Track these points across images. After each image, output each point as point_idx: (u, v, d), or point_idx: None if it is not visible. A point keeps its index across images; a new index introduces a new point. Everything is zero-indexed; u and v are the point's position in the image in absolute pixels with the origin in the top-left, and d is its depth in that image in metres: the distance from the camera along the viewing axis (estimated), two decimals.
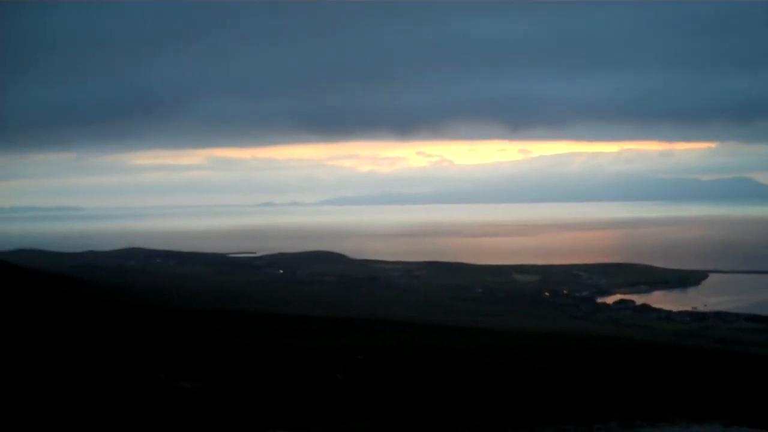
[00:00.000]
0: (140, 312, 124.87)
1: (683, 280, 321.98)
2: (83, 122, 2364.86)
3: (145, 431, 54.31)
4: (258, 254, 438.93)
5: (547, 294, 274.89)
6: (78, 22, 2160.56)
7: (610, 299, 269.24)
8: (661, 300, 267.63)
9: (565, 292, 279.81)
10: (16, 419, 52.47)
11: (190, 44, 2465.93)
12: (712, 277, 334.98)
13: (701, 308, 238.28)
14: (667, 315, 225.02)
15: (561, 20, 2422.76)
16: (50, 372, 67.39)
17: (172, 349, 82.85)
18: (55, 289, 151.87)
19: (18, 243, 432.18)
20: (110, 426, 53.92)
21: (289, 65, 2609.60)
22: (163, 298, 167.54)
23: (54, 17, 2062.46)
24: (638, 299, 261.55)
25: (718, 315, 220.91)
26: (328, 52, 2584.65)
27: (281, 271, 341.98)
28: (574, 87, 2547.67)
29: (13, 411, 54.08)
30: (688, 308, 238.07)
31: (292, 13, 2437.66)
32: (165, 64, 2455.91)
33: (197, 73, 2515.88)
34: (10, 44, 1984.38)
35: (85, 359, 74.37)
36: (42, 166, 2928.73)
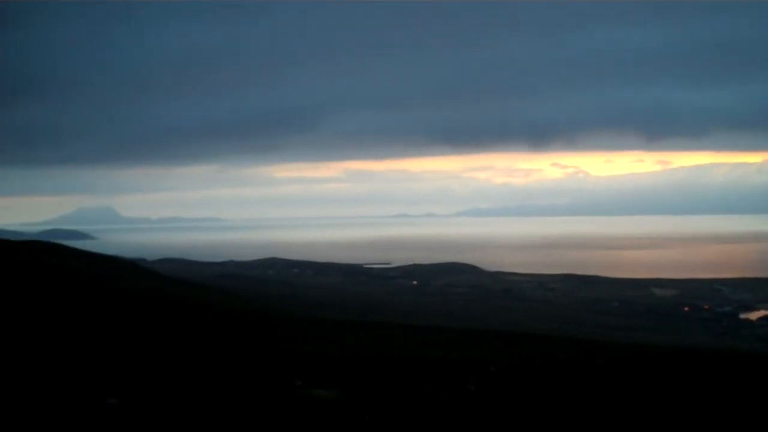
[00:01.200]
0: (278, 321, 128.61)
1: None
2: (226, 136, 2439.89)
3: None
4: (392, 265, 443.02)
5: (686, 309, 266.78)
6: (220, 42, 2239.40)
7: (754, 315, 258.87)
8: None
9: (705, 307, 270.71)
10: (167, 423, 55.38)
11: (328, 59, 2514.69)
12: None
13: None
14: None
15: (701, 26, 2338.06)
16: (195, 379, 70.54)
17: (309, 357, 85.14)
18: (199, 298, 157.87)
19: (164, 252, 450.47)
20: (251, 430, 56.18)
21: (423, 78, 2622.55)
22: (300, 307, 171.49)
23: (197, 38, 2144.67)
24: None
25: None
26: (462, 64, 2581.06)
27: (414, 282, 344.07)
28: (715, 95, 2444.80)
29: (165, 415, 57.07)
30: None
31: (427, 26, 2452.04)
32: (304, 79, 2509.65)
33: (335, 87, 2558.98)
34: (160, 63, 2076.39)
35: (228, 366, 77.38)
36: (187, 179, 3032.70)
